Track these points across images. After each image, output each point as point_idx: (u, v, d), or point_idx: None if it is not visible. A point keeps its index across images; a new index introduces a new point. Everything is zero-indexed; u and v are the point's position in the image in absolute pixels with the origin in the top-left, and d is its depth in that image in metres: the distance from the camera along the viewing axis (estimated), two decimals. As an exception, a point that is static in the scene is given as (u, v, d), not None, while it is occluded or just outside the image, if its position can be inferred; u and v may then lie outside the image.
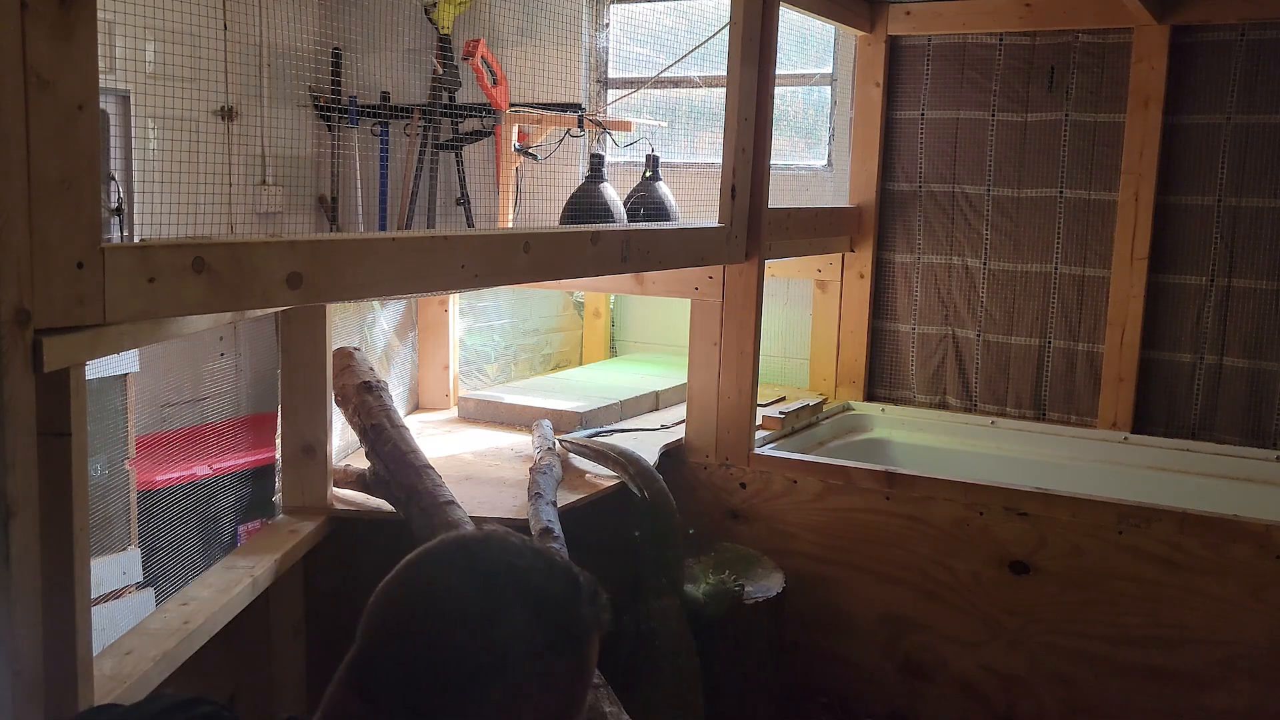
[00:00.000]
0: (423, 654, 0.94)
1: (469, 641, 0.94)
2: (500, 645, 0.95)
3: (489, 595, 0.96)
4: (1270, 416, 3.50)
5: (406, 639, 0.96)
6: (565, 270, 2.63)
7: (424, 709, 0.94)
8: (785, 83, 4.11)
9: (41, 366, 1.41)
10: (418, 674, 0.94)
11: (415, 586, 0.99)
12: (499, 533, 1.05)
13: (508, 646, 0.95)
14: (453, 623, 0.95)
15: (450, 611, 0.95)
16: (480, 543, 1.03)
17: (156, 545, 3.45)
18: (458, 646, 0.94)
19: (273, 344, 2.86)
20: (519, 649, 0.95)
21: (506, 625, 0.95)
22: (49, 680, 1.47)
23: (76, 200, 1.43)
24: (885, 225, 4.03)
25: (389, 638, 0.97)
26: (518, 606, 0.97)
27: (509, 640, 0.95)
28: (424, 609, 0.96)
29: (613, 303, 4.56)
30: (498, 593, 0.97)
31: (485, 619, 0.95)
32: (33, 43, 1.36)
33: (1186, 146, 3.54)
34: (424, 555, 1.01)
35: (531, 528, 2.58)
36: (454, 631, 0.95)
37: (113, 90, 3.39)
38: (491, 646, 0.94)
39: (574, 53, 4.29)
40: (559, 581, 1.01)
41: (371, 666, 0.96)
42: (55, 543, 1.48)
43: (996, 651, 2.99)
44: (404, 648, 0.95)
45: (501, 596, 0.97)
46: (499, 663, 0.94)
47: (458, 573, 0.99)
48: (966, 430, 3.83)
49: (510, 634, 0.95)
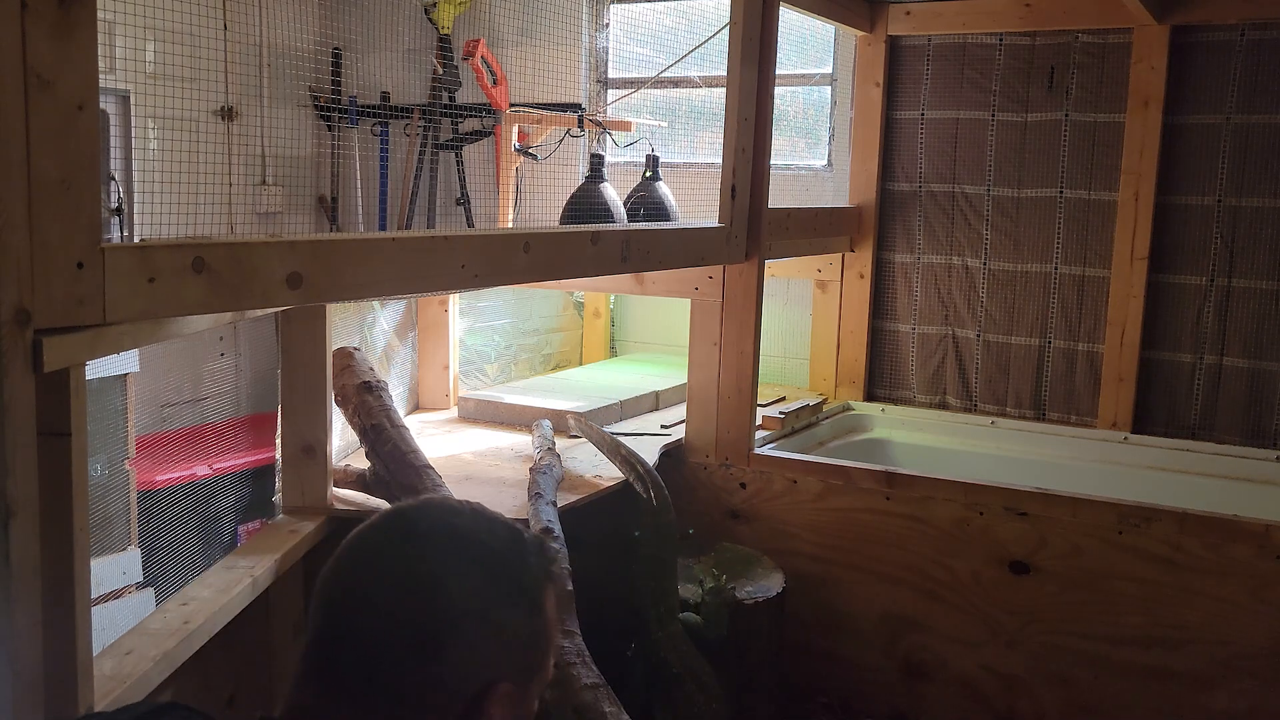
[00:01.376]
0: (376, 627, 0.94)
1: (420, 606, 0.94)
2: (452, 606, 0.95)
3: (433, 558, 0.97)
4: (1270, 416, 3.50)
5: (358, 616, 0.95)
6: (565, 270, 2.63)
7: (386, 681, 0.93)
8: (785, 83, 4.11)
9: (41, 366, 1.41)
10: (374, 648, 0.94)
11: (359, 562, 0.99)
12: (435, 497, 1.07)
13: (459, 606, 0.95)
14: (402, 591, 0.95)
15: (397, 580, 0.96)
16: (417, 509, 1.04)
17: (156, 545, 3.46)
18: (410, 613, 0.94)
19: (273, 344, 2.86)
20: (470, 607, 0.95)
21: (455, 585, 0.96)
22: (49, 680, 1.47)
23: (76, 200, 1.43)
24: (885, 225, 4.03)
25: (340, 619, 0.96)
26: (463, 565, 0.97)
27: (459, 599, 0.95)
28: (371, 582, 0.97)
29: (613, 303, 4.56)
30: (441, 554, 0.97)
31: (433, 582, 0.95)
32: (33, 43, 1.36)
33: (1186, 146, 3.54)
34: (362, 532, 1.01)
35: (531, 527, 2.58)
36: (404, 599, 0.95)
37: (113, 90, 3.39)
38: (443, 608, 0.95)
39: (574, 53, 4.29)
40: (501, 536, 1.01)
41: (326, 652, 0.96)
42: (55, 543, 1.48)
43: (996, 651, 2.99)
44: (357, 625, 0.95)
45: (446, 557, 0.97)
46: (453, 624, 0.94)
47: (399, 541, 0.99)
48: (966, 430, 3.83)
49: (460, 593, 0.96)
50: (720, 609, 2.77)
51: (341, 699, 0.94)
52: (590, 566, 2.67)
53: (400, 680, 0.93)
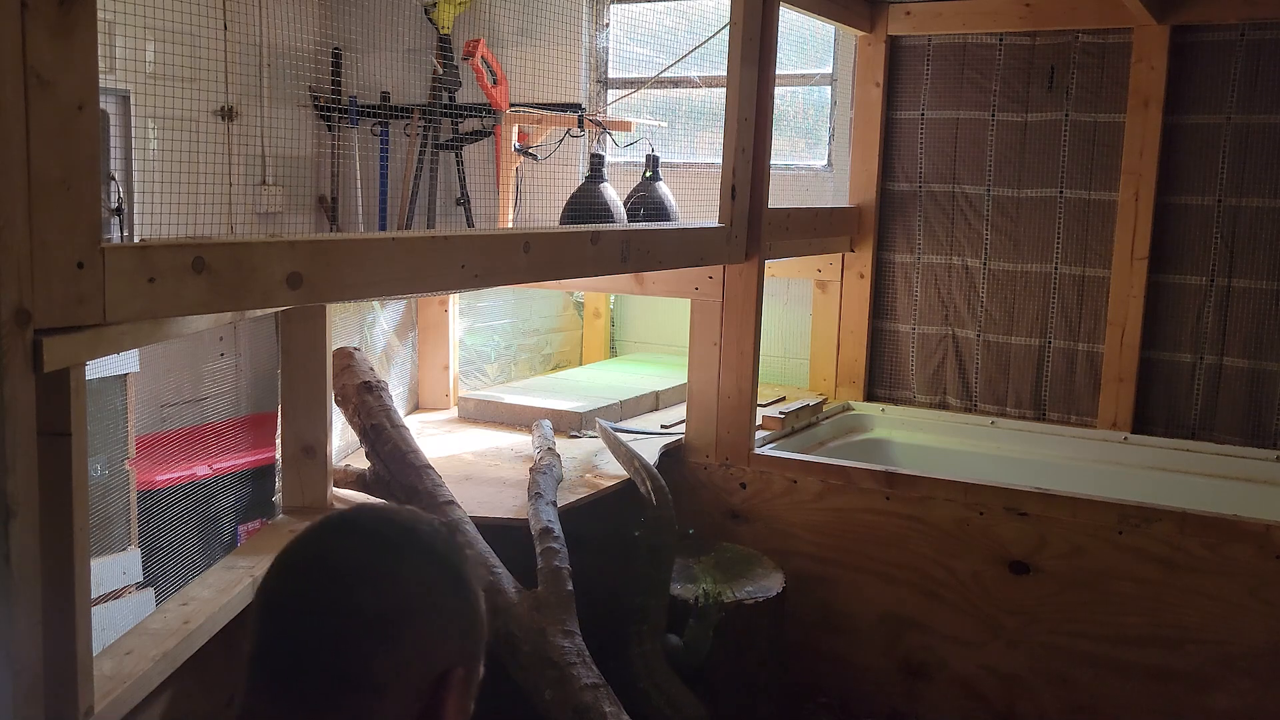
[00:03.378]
0: (333, 624, 0.95)
1: (374, 597, 0.96)
2: (404, 594, 0.97)
3: (380, 551, 0.99)
4: (1270, 416, 3.50)
5: (312, 615, 0.96)
6: (565, 270, 2.63)
7: (343, 672, 0.94)
8: (785, 83, 4.11)
9: (41, 366, 1.41)
10: (332, 645, 0.95)
11: (306, 564, 1.00)
12: (365, 503, 1.08)
13: (411, 594, 0.97)
14: (354, 583, 0.96)
15: (350, 573, 0.97)
16: (355, 511, 1.07)
17: (156, 545, 3.45)
18: (365, 605, 0.96)
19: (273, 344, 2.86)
20: (421, 595, 0.98)
21: (405, 574, 0.98)
22: (49, 680, 1.47)
23: (76, 200, 1.43)
24: (885, 225, 4.03)
25: (293, 621, 0.97)
26: (409, 556, 0.99)
27: (410, 588, 0.98)
28: (322, 581, 0.97)
29: (613, 303, 4.56)
30: (387, 547, 0.99)
31: (384, 573, 0.97)
32: (33, 43, 1.36)
33: (1186, 146, 3.54)
34: (303, 537, 1.02)
35: (532, 528, 2.59)
36: (357, 591, 0.96)
37: (113, 90, 3.39)
38: (397, 597, 0.97)
39: (574, 53, 4.29)
40: (437, 529, 1.04)
41: (280, 657, 0.96)
42: (55, 543, 1.48)
43: (996, 651, 2.99)
44: (311, 625, 0.96)
45: (392, 550, 0.99)
46: (408, 612, 0.97)
47: (344, 540, 1.01)
48: (966, 430, 3.83)
49: (411, 582, 0.98)
50: (703, 636, 2.75)
51: (301, 701, 0.95)
52: (590, 566, 2.67)
53: (362, 673, 0.94)
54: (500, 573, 2.41)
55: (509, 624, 2.31)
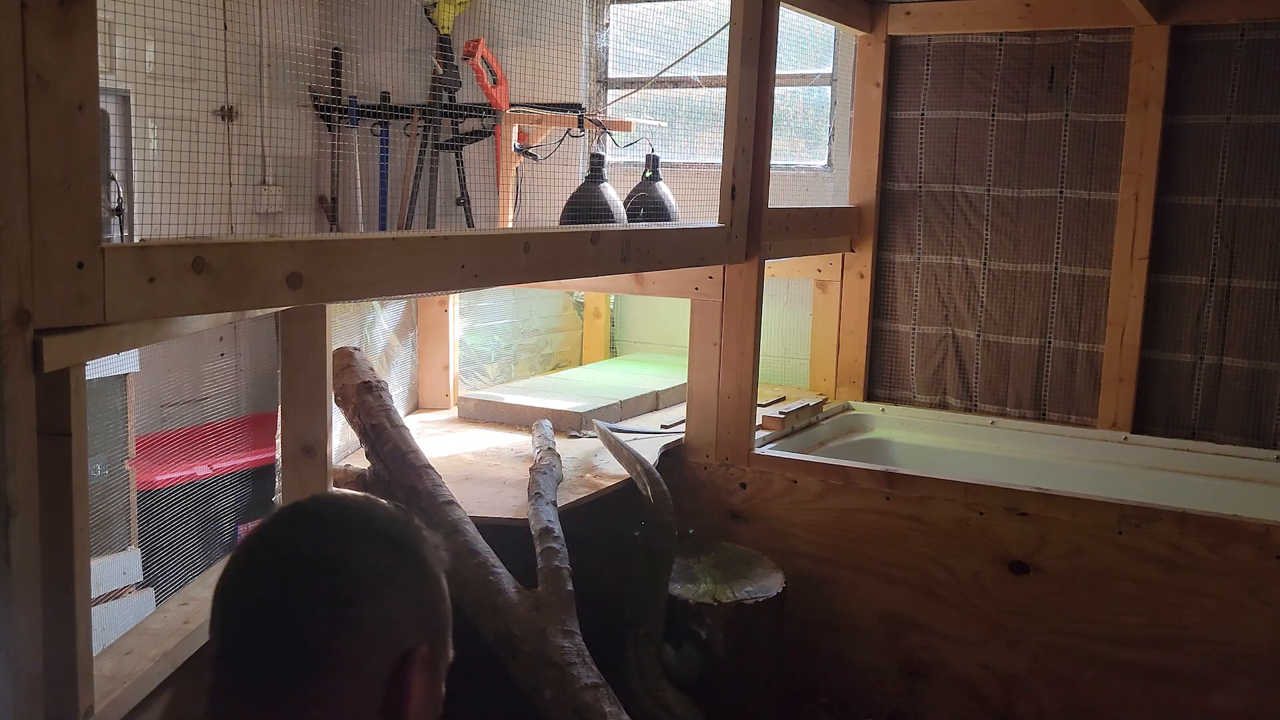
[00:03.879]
0: (290, 607, 0.96)
1: (331, 578, 0.96)
2: (364, 572, 0.98)
3: (337, 534, 0.99)
4: (1270, 416, 3.50)
5: (270, 602, 0.96)
6: (565, 270, 2.63)
7: (306, 657, 0.94)
8: (785, 83, 4.11)
9: (41, 366, 1.41)
10: (291, 629, 0.95)
11: (264, 553, 1.00)
12: (320, 493, 1.09)
13: (370, 572, 0.98)
14: (311, 567, 0.97)
15: (306, 558, 0.98)
16: (310, 500, 1.08)
17: (156, 545, 3.45)
18: (322, 587, 0.96)
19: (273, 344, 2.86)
20: (380, 573, 0.99)
21: (364, 553, 0.99)
22: (49, 680, 1.47)
23: (76, 200, 1.43)
24: (885, 225, 4.03)
25: (252, 612, 0.97)
26: (366, 537, 1.00)
27: (369, 566, 0.98)
28: (278, 567, 0.98)
29: (613, 303, 4.56)
30: (343, 530, 1.00)
31: (342, 553, 0.98)
32: (33, 43, 1.36)
33: (1186, 146, 3.54)
34: (260, 531, 1.03)
35: (532, 528, 2.59)
36: (314, 574, 0.97)
37: (113, 90, 3.39)
38: (356, 576, 0.97)
39: (574, 53, 4.29)
40: (392, 511, 1.05)
41: (242, 647, 0.97)
42: (55, 543, 1.48)
43: (996, 651, 2.99)
44: (270, 611, 0.96)
45: (348, 533, 1.00)
46: (368, 590, 0.97)
47: (301, 526, 1.01)
48: (966, 430, 3.83)
49: (369, 561, 0.99)
50: (695, 657, 2.75)
51: (267, 693, 0.95)
52: (590, 566, 2.67)
53: (324, 656, 0.95)
54: (500, 573, 2.41)
55: (509, 624, 2.31)
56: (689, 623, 2.78)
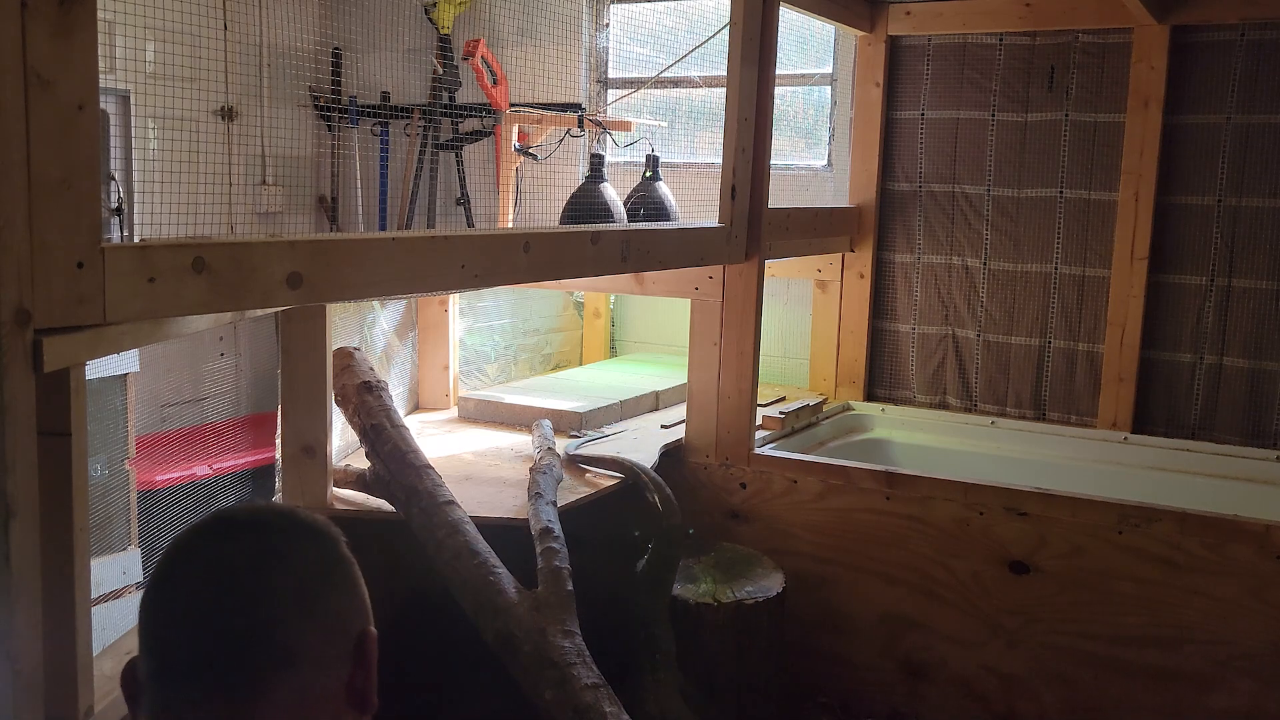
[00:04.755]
0: (250, 609, 0.97)
1: (286, 575, 0.99)
2: (310, 568, 1.01)
3: (278, 537, 1.02)
4: (1270, 416, 3.50)
5: (235, 610, 0.97)
6: (565, 270, 2.63)
7: (273, 654, 0.96)
8: (785, 83, 4.11)
9: (41, 366, 1.41)
10: (254, 629, 0.96)
11: (211, 566, 1.00)
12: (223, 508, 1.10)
13: (315, 566, 1.01)
14: (264, 567, 0.99)
15: (259, 563, 0.99)
16: (226, 513, 1.07)
17: (156, 545, 3.45)
18: (280, 584, 0.98)
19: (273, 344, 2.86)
20: (322, 564, 1.02)
21: (306, 549, 1.02)
22: (49, 680, 1.47)
23: (76, 200, 1.43)
24: (885, 225, 4.03)
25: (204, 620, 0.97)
26: (301, 538, 1.03)
27: (313, 561, 1.01)
28: (235, 575, 0.98)
29: (613, 303, 4.56)
30: (280, 531, 1.02)
31: (287, 552, 1.00)
32: (33, 43, 1.36)
33: (1186, 146, 3.54)
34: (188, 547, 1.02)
35: (532, 528, 2.58)
36: (270, 573, 0.98)
37: (113, 90, 3.39)
38: (305, 570, 1.00)
39: (574, 53, 4.29)
40: (309, 512, 1.08)
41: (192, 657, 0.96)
42: (55, 543, 1.48)
43: (996, 651, 2.99)
44: (226, 617, 0.96)
45: (285, 533, 1.02)
46: (319, 581, 1.00)
47: (236, 537, 1.02)
48: (966, 430, 3.83)
49: (311, 555, 1.02)
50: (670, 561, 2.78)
51: (230, 699, 0.95)
52: (590, 566, 2.67)
53: (293, 650, 0.97)
54: (500, 573, 2.41)
55: (509, 624, 2.31)
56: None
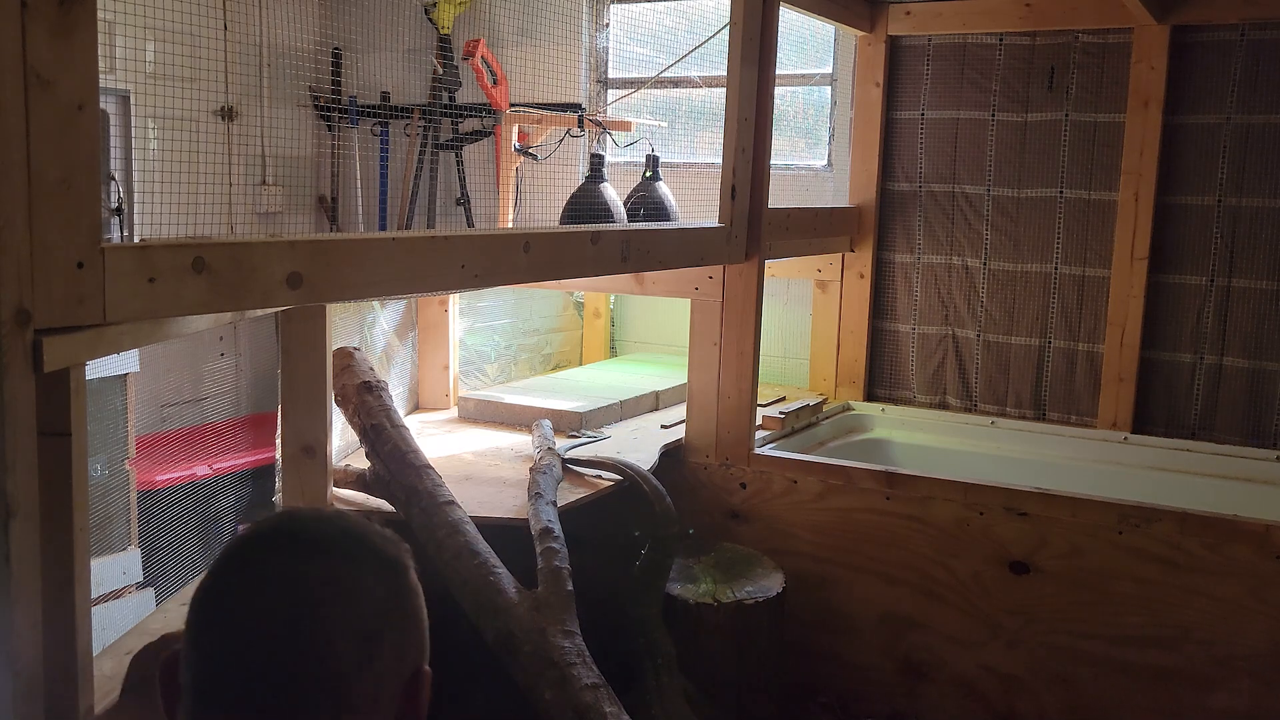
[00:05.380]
0: (321, 647, 0.93)
1: (353, 613, 0.94)
2: (376, 607, 0.96)
3: (346, 563, 0.97)
4: (1270, 416, 3.50)
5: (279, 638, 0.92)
6: (565, 270, 2.63)
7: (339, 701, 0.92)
8: (785, 83, 4.11)
9: (41, 366, 1.41)
10: (323, 670, 0.92)
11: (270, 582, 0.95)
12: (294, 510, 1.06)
13: (380, 605, 0.96)
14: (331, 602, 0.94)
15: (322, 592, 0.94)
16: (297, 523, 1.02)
17: (156, 545, 3.46)
18: (340, 623, 0.94)
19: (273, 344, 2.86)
20: (388, 601, 0.97)
21: (373, 584, 0.97)
22: (49, 680, 1.47)
23: (76, 200, 1.43)
24: (885, 225, 4.03)
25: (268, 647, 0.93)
26: (370, 566, 0.97)
27: (379, 599, 0.96)
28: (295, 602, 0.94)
29: (613, 303, 4.56)
30: (351, 559, 0.97)
31: (354, 587, 0.95)
32: (33, 43, 1.36)
33: (1186, 146, 3.54)
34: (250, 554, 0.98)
35: (532, 528, 2.58)
36: (331, 609, 0.93)
37: (113, 90, 3.40)
38: (370, 611, 0.95)
39: (574, 53, 4.29)
40: (382, 532, 1.03)
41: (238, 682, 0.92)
42: (55, 543, 1.48)
43: (996, 651, 2.99)
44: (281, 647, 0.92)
45: (355, 561, 0.97)
46: (381, 623, 0.96)
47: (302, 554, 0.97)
48: (966, 430, 3.83)
49: (378, 592, 0.96)
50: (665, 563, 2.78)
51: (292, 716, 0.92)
52: (590, 566, 2.67)
53: (354, 691, 0.93)
54: (500, 573, 2.41)
55: (509, 624, 2.31)
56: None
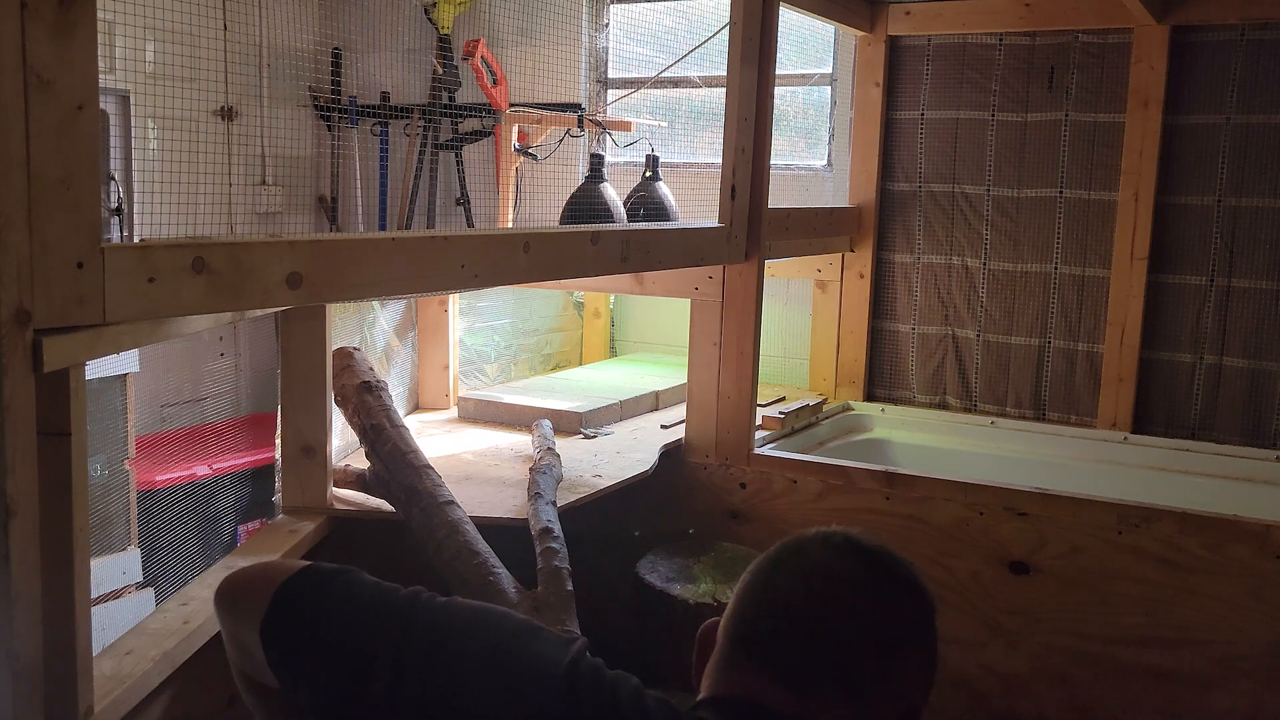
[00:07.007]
0: (849, 631, 1.02)
1: (885, 618, 1.05)
2: (905, 623, 1.06)
3: (891, 577, 1.08)
4: (1270, 416, 3.50)
5: (823, 619, 1.02)
6: (565, 270, 2.63)
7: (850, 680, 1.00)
8: (785, 83, 4.11)
9: (41, 366, 1.41)
10: (844, 650, 1.01)
11: (822, 573, 1.07)
12: (851, 531, 1.15)
13: (908, 624, 1.07)
14: (870, 601, 1.05)
15: (865, 592, 1.06)
16: (852, 538, 1.14)
17: (156, 545, 3.46)
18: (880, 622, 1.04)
19: (273, 344, 2.86)
20: (913, 624, 1.07)
21: (905, 603, 1.08)
22: (49, 680, 1.47)
23: (76, 200, 1.43)
24: (885, 225, 4.03)
25: (808, 622, 1.02)
26: (907, 587, 1.09)
27: (909, 618, 1.07)
28: (837, 591, 1.05)
29: (613, 303, 4.56)
30: (895, 575, 1.08)
31: (895, 598, 1.07)
32: (33, 43, 1.36)
33: (1186, 146, 3.54)
34: (817, 548, 1.11)
35: (531, 528, 2.59)
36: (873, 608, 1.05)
37: (113, 90, 3.40)
38: (901, 624, 1.05)
39: (574, 53, 4.29)
40: (917, 570, 1.12)
41: (789, 647, 1.01)
42: (55, 543, 1.48)
43: (996, 651, 2.99)
44: (825, 627, 1.02)
45: (897, 578, 1.08)
46: (905, 640, 1.05)
47: (859, 559, 1.09)
48: (966, 430, 3.83)
49: (908, 611, 1.07)
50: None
51: (805, 694, 0.99)
52: (590, 566, 2.67)
53: (873, 685, 1.00)
54: (500, 573, 2.41)
55: (509, 624, 2.31)
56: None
